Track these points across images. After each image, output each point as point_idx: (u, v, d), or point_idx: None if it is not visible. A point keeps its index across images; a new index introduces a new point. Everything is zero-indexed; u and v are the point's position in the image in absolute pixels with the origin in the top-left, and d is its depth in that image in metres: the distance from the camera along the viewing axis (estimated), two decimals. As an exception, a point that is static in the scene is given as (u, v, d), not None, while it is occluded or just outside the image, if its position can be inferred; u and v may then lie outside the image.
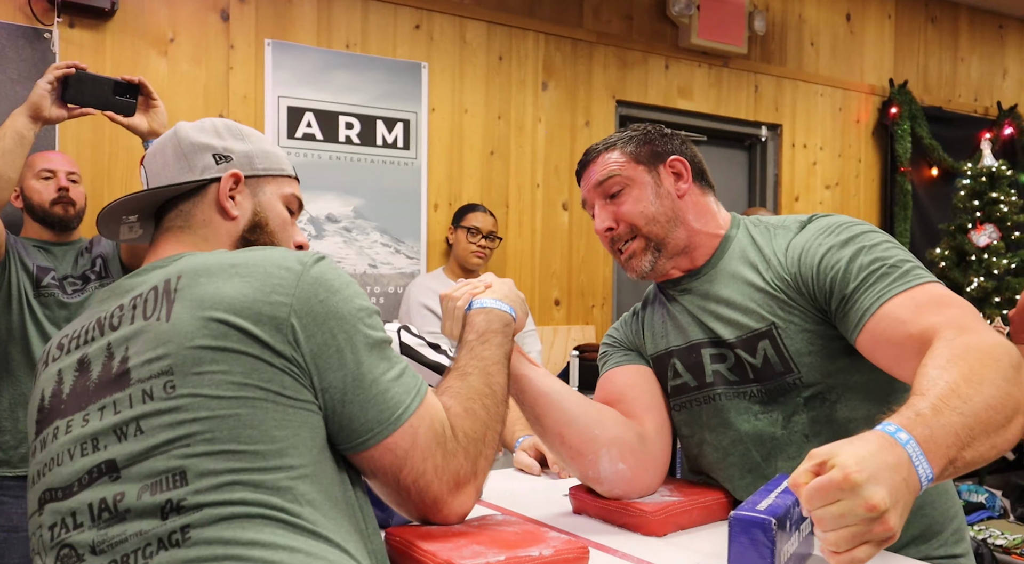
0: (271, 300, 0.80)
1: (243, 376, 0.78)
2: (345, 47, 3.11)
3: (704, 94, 3.97)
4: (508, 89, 3.46)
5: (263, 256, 0.85)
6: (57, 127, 2.59)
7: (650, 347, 1.29)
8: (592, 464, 1.15)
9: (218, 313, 0.79)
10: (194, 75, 2.84)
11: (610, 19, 3.71)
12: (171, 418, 0.77)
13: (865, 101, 4.49)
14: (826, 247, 1.12)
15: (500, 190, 3.45)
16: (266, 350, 0.79)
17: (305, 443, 0.80)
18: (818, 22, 4.34)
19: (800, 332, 1.13)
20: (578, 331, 3.59)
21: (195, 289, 0.81)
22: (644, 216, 1.21)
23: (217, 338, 0.78)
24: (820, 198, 4.36)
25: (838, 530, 0.69)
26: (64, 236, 2.24)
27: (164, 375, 0.78)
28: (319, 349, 0.81)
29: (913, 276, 1.03)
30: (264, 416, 0.78)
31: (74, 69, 1.89)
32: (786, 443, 1.15)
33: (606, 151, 1.26)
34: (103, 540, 0.75)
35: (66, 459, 0.80)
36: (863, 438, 0.74)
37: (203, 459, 0.76)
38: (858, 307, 1.05)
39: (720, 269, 1.22)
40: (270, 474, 0.77)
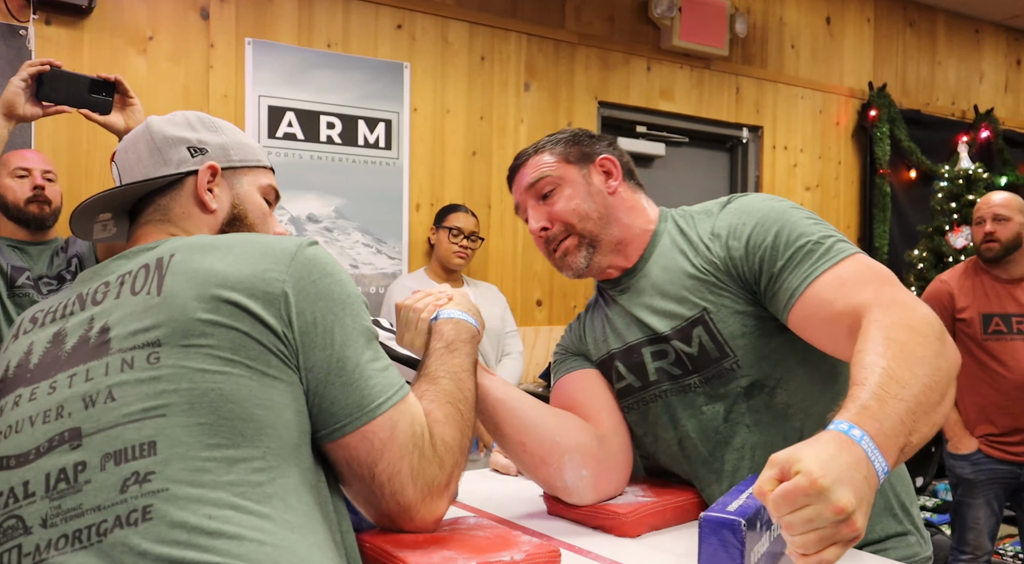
0: (265, 276, 0.80)
1: (230, 352, 0.76)
2: (326, 47, 3.10)
3: (686, 96, 3.99)
4: (490, 90, 3.46)
5: (258, 237, 0.85)
6: (33, 125, 2.56)
7: (593, 352, 1.29)
8: (557, 473, 1.15)
9: (211, 287, 0.78)
10: (173, 74, 2.82)
11: (592, 20, 3.72)
12: (149, 388, 0.74)
13: (845, 104, 4.53)
14: (751, 227, 1.13)
15: (482, 191, 3.45)
16: (257, 324, 0.78)
17: (286, 426, 0.78)
18: (798, 25, 4.37)
19: (732, 314, 1.13)
20: (560, 332, 3.59)
21: (188, 264, 0.80)
22: (577, 214, 1.22)
23: (208, 311, 0.77)
24: (800, 200, 4.39)
25: (807, 533, 0.69)
26: (39, 235, 2.22)
27: (149, 346, 0.76)
28: (308, 327, 0.81)
29: (836, 251, 1.05)
30: (247, 394, 0.76)
31: (49, 66, 1.87)
32: (729, 435, 1.16)
33: (536, 154, 1.27)
34: (56, 513, 0.70)
35: (26, 427, 0.76)
36: (820, 440, 0.74)
37: (177, 430, 0.72)
38: (786, 287, 1.07)
39: (652, 263, 1.23)
40: (245, 451, 0.74)
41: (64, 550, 0.68)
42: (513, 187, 1.30)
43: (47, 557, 0.68)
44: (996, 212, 2.66)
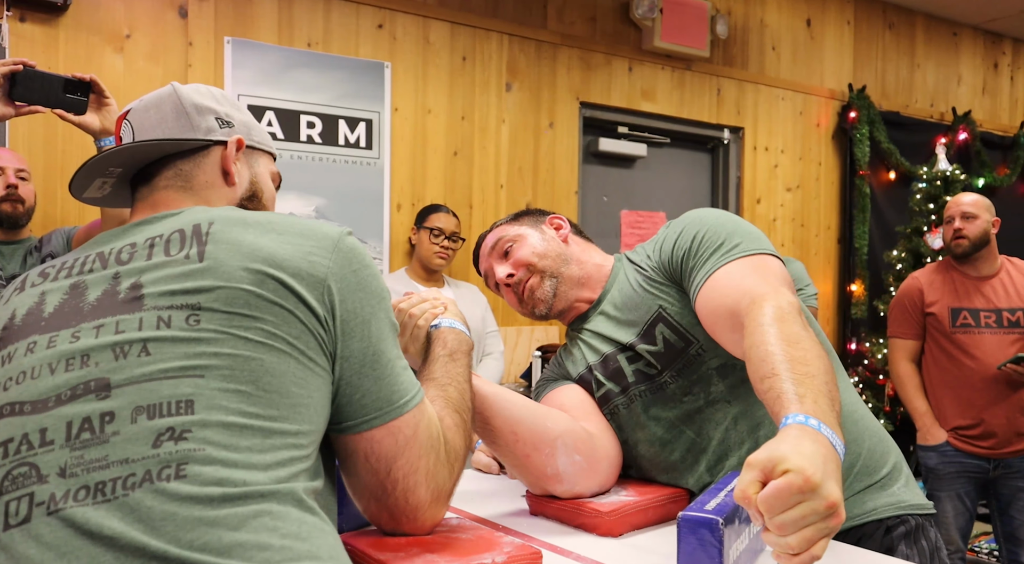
0: (310, 259, 0.79)
1: (273, 327, 0.75)
2: (307, 46, 3.08)
3: (667, 96, 4.00)
4: (472, 90, 3.46)
5: (295, 219, 0.84)
6: (7, 124, 2.52)
7: (572, 372, 1.36)
8: (550, 458, 1.16)
9: (257, 262, 0.77)
10: (151, 73, 2.79)
11: (574, 21, 3.72)
12: (188, 348, 0.71)
13: (825, 105, 4.56)
14: (677, 233, 1.24)
15: (464, 191, 3.44)
16: (300, 305, 0.77)
17: (316, 408, 0.77)
18: (779, 27, 4.40)
19: (685, 305, 1.22)
20: (541, 332, 3.59)
21: (231, 235, 0.78)
22: (536, 254, 1.35)
23: (254, 284, 0.75)
24: (781, 200, 4.42)
25: (799, 532, 0.69)
26: (12, 235, 2.19)
27: (189, 308, 0.73)
28: (348, 316, 0.80)
29: (738, 250, 1.15)
30: (286, 369, 0.74)
31: (22, 66, 1.84)
32: (712, 413, 1.21)
33: (491, 231, 1.44)
34: (77, 463, 0.66)
35: (44, 373, 0.72)
36: (791, 436, 0.75)
37: (216, 393, 0.69)
38: (693, 283, 1.17)
39: (615, 289, 1.34)
40: (281, 425, 0.72)
41: (84, 502, 0.64)
42: (480, 264, 1.45)
43: (64, 507, 0.64)
44: (964, 210, 2.73)
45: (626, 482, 1.28)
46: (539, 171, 3.64)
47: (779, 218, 4.40)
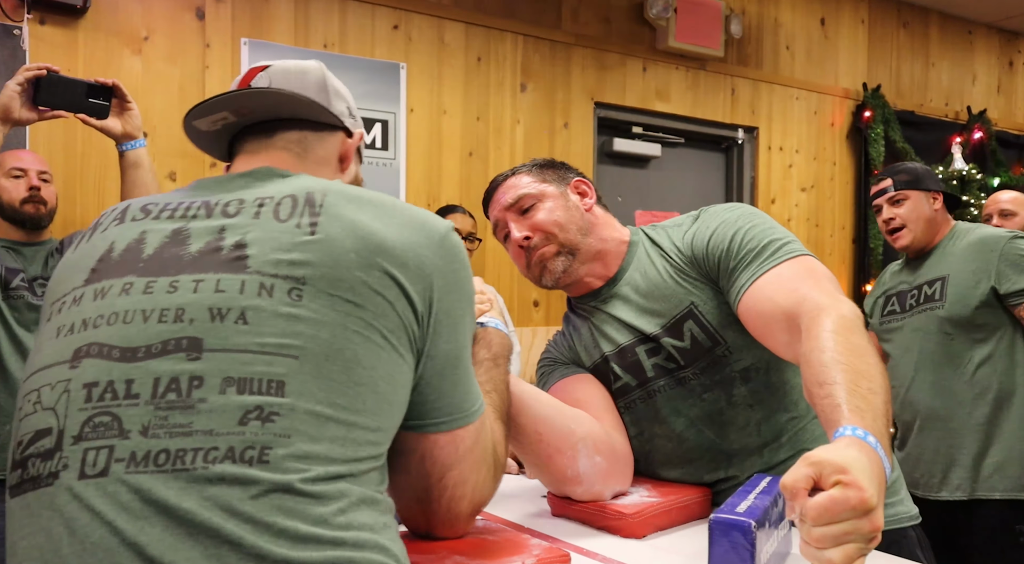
0: (417, 252, 0.77)
1: (372, 317, 0.72)
2: (323, 47, 3.09)
3: (681, 96, 3.99)
4: (486, 90, 3.46)
5: (406, 206, 0.82)
6: (28, 126, 2.54)
7: (585, 359, 1.33)
8: (571, 460, 1.15)
9: (368, 246, 0.74)
10: (169, 74, 2.80)
11: (588, 21, 3.72)
12: (287, 325, 0.68)
13: (840, 105, 4.54)
14: (711, 230, 1.21)
15: (479, 191, 3.44)
16: (402, 298, 0.75)
17: (398, 406, 0.76)
18: (793, 26, 4.39)
19: (718, 305, 1.20)
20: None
21: (344, 211, 0.76)
22: (558, 224, 1.28)
23: (362, 270, 0.73)
24: (796, 200, 4.40)
25: (840, 547, 0.68)
26: (34, 236, 2.21)
27: (293, 280, 0.71)
28: (443, 315, 0.79)
29: (784, 252, 1.12)
30: (377, 363, 0.72)
31: (46, 71, 1.86)
32: (733, 416, 1.21)
33: (512, 176, 1.34)
34: (160, 424, 0.64)
35: (137, 319, 0.69)
36: (852, 447, 0.73)
37: (308, 378, 0.67)
38: (737, 285, 1.14)
39: (633, 270, 1.29)
40: (363, 419, 0.71)
41: (164, 467, 0.63)
42: (490, 208, 1.36)
43: (144, 470, 0.63)
44: (1003, 208, 2.72)
45: (645, 481, 1.27)
46: (553, 171, 3.64)
47: (794, 218, 4.39)
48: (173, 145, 2.80)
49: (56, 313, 0.74)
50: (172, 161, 2.80)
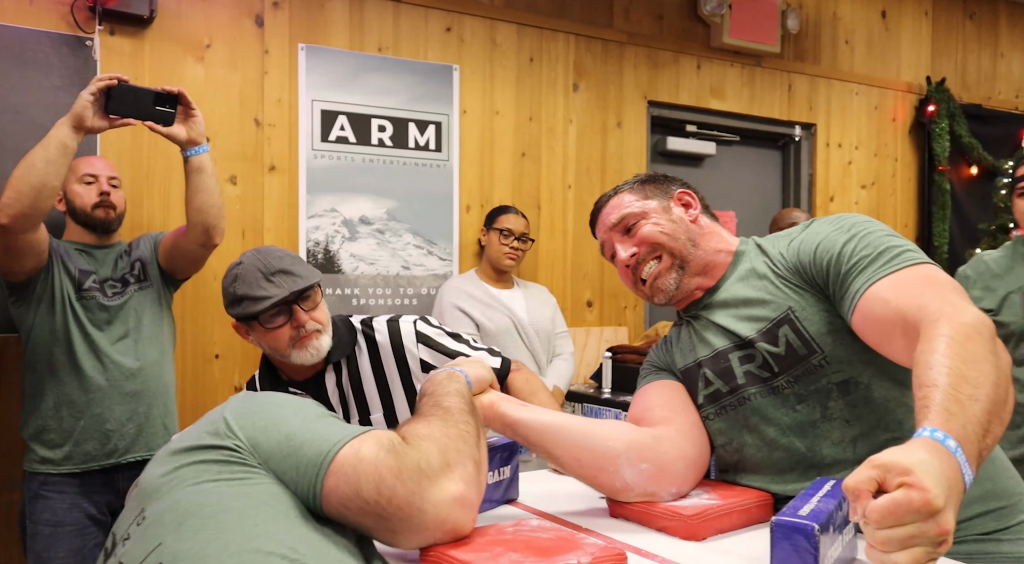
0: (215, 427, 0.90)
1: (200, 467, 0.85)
2: (377, 50, 3.14)
3: (737, 94, 3.93)
4: (539, 90, 3.47)
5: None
6: (98, 134, 2.64)
7: (679, 362, 1.33)
8: (616, 475, 1.16)
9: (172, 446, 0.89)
10: (230, 80, 2.88)
11: (641, 19, 3.69)
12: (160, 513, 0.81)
13: (902, 99, 4.42)
14: (822, 236, 1.18)
15: (531, 191, 3.45)
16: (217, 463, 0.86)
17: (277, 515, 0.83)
18: (853, 20, 4.28)
19: (817, 312, 1.16)
20: (611, 332, 3.58)
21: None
22: (664, 234, 1.28)
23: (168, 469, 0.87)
24: (855, 198, 4.30)
25: (906, 551, 0.66)
26: (104, 239, 2.29)
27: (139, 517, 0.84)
28: (255, 434, 0.89)
29: (903, 259, 1.08)
30: (217, 502, 0.82)
31: (116, 81, 1.93)
32: (828, 430, 1.16)
33: (615, 196, 1.35)
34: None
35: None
36: (922, 448, 0.71)
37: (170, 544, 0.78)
38: (850, 290, 1.10)
39: (734, 278, 1.27)
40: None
41: None
42: (597, 229, 1.38)
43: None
44: None
45: (708, 484, 1.26)
46: (607, 171, 3.63)
47: (853, 216, 4.28)
48: (233, 149, 2.87)
49: None
50: (232, 165, 2.88)
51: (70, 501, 2.07)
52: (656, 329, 3.21)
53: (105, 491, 2.15)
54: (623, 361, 3.12)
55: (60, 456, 2.09)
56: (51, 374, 2.11)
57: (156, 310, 2.28)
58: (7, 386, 2.48)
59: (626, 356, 3.13)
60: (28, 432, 2.12)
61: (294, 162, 2.98)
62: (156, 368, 2.22)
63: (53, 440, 2.10)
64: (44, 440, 2.10)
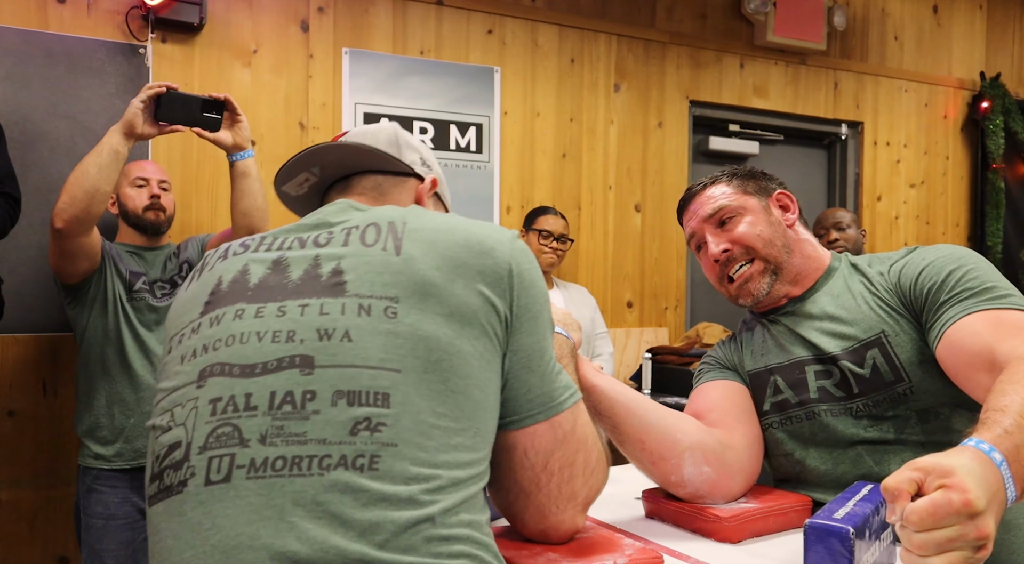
0: (493, 255, 0.82)
1: (460, 326, 0.77)
2: (419, 54, 3.17)
3: (780, 92, 3.88)
4: (580, 91, 3.46)
5: (472, 221, 0.88)
6: (149, 140, 2.72)
7: (749, 364, 1.29)
8: (675, 468, 1.14)
9: (447, 262, 0.80)
10: (275, 84, 2.94)
11: (683, 19, 3.67)
12: (387, 340, 0.74)
13: (953, 96, 4.31)
14: (928, 262, 1.14)
15: (572, 192, 3.45)
16: (485, 303, 0.80)
17: (492, 411, 0.79)
18: (902, 15, 4.19)
19: (910, 340, 1.12)
20: (651, 333, 3.56)
21: (423, 233, 0.82)
22: (762, 239, 1.23)
23: (445, 283, 0.79)
24: (904, 197, 4.20)
25: (943, 555, 0.65)
26: (155, 241, 2.36)
27: (387, 299, 0.77)
28: (522, 310, 0.83)
29: (1007, 301, 1.03)
30: (469, 371, 0.77)
31: (165, 88, 1.99)
32: (900, 449, 1.13)
33: (711, 185, 1.29)
34: (277, 433, 0.70)
35: (252, 340, 0.76)
36: (965, 454, 0.70)
37: (410, 389, 0.72)
38: (944, 318, 1.06)
39: (823, 292, 1.23)
40: (462, 423, 0.75)
41: (281, 473, 0.68)
42: (686, 218, 1.32)
43: (264, 475, 0.69)
44: None
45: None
46: (648, 171, 3.61)
47: (902, 215, 4.19)
48: (279, 152, 2.93)
49: (177, 344, 0.82)
50: (278, 168, 2.93)
51: (121, 495, 2.14)
52: (697, 330, 3.18)
53: (154, 486, 2.21)
54: (663, 362, 3.10)
55: (112, 452, 2.16)
56: (103, 373, 2.18)
57: (203, 310, 2.33)
58: (64, 385, 2.57)
59: (666, 357, 3.11)
60: (82, 429, 2.20)
61: (337, 165, 3.02)
62: (203, 367, 2.28)
63: (105, 437, 2.17)
64: (97, 437, 2.17)
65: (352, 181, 1.02)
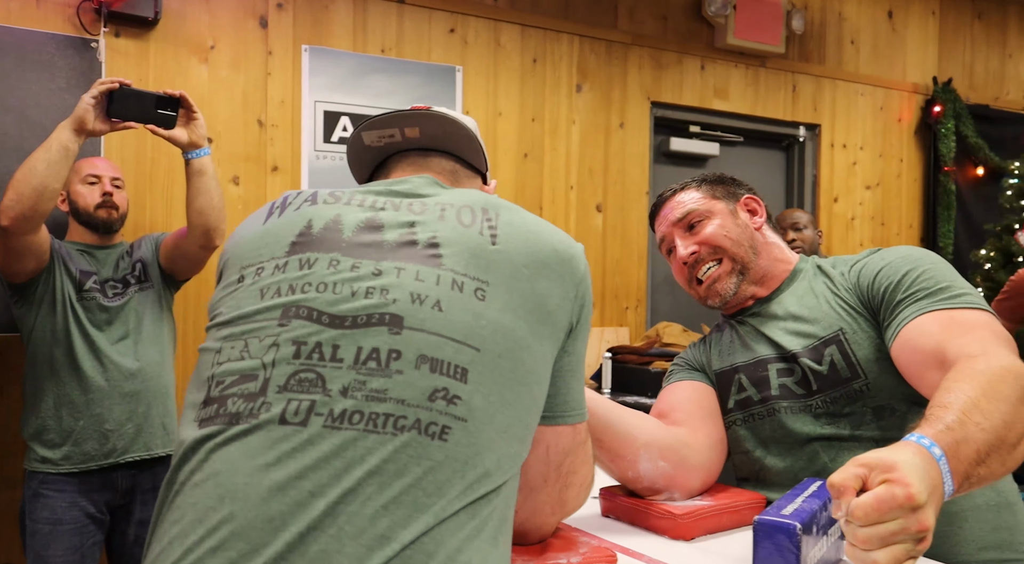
0: (573, 265, 0.85)
1: (537, 322, 0.80)
2: (380, 52, 3.15)
3: (741, 94, 3.93)
4: (542, 91, 3.47)
5: (553, 226, 0.90)
6: (102, 136, 2.66)
7: (716, 364, 1.32)
8: (632, 464, 1.16)
9: (536, 260, 0.82)
10: (233, 81, 2.89)
11: (645, 20, 3.69)
12: (472, 320, 0.75)
13: (908, 100, 4.40)
14: (886, 262, 1.17)
15: (534, 192, 3.46)
16: (564, 305, 0.83)
17: (539, 408, 0.81)
18: (859, 20, 4.27)
19: (868, 339, 1.15)
20: (612, 333, 3.58)
21: (516, 227, 0.84)
22: (728, 239, 1.28)
23: (533, 279, 0.81)
24: (860, 198, 4.28)
25: (887, 548, 0.66)
26: (107, 239, 2.31)
27: (478, 281, 0.78)
28: (584, 318, 0.87)
29: (961, 300, 1.06)
30: (535, 368, 0.79)
31: (118, 84, 1.95)
32: (855, 446, 1.15)
33: (681, 191, 1.35)
34: (359, 387, 0.71)
35: (345, 292, 0.76)
36: (907, 449, 0.72)
37: (485, 371, 0.74)
38: (899, 318, 1.08)
39: (788, 293, 1.27)
40: (520, 415, 0.77)
41: (357, 426, 0.69)
42: (657, 222, 1.37)
43: (340, 426, 0.69)
44: None
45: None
46: (610, 172, 3.63)
47: (858, 216, 4.27)
48: (237, 150, 2.88)
49: (255, 275, 0.81)
50: (236, 165, 2.89)
51: (69, 500, 2.09)
52: (657, 330, 3.20)
53: (104, 490, 2.16)
54: (623, 362, 3.11)
55: (59, 456, 2.11)
56: (51, 374, 2.12)
57: (156, 311, 2.29)
58: (9, 386, 2.50)
59: (626, 357, 3.13)
60: (28, 432, 2.14)
61: (296, 163, 2.99)
62: (156, 369, 2.23)
63: (52, 440, 2.11)
64: (44, 440, 2.11)
65: (431, 158, 0.99)
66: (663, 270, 3.74)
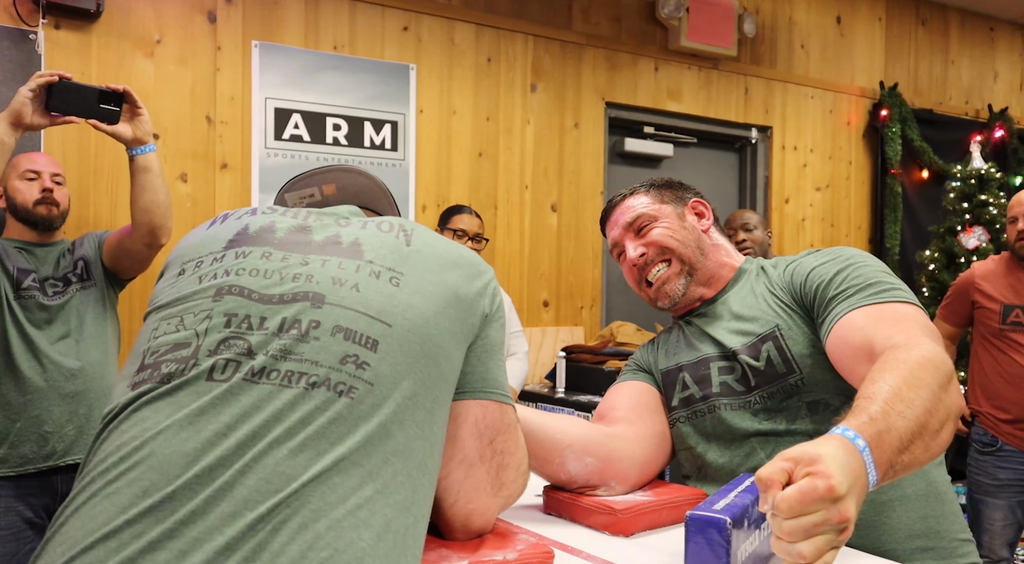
0: (481, 268, 0.95)
1: (447, 305, 0.87)
2: (333, 49, 3.12)
3: (694, 96, 3.97)
4: (497, 91, 3.47)
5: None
6: (41, 131, 2.59)
7: (662, 363, 1.35)
8: (560, 466, 1.18)
9: (445, 258, 0.91)
10: (180, 77, 2.84)
11: (599, 21, 3.72)
12: (386, 300, 0.84)
13: (856, 103, 4.50)
14: (819, 262, 1.21)
15: (488, 191, 3.45)
16: (472, 297, 0.91)
17: (451, 384, 0.88)
18: (808, 24, 4.35)
19: (802, 335, 1.18)
20: (567, 332, 3.59)
21: (428, 238, 0.94)
22: (675, 240, 1.31)
23: (444, 273, 0.89)
24: (810, 200, 4.36)
25: (810, 540, 0.68)
26: (47, 237, 2.24)
27: (393, 271, 0.87)
28: (495, 313, 0.94)
29: (889, 295, 1.09)
30: (443, 343, 0.86)
31: (58, 78, 1.89)
32: (791, 440, 1.17)
33: (630, 196, 1.38)
34: (280, 350, 0.78)
35: (275, 277, 0.85)
36: (831, 442, 0.74)
37: (395, 344, 0.81)
38: (831, 314, 1.11)
39: (732, 293, 1.31)
40: (429, 388, 0.82)
41: (273, 381, 0.76)
42: (608, 227, 1.40)
43: (258, 381, 0.76)
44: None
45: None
46: (564, 171, 3.64)
47: (808, 218, 4.35)
48: (184, 147, 2.83)
49: (195, 267, 0.90)
50: (183, 162, 2.84)
51: (5, 504, 2.03)
52: (611, 329, 3.22)
53: (42, 494, 2.10)
54: (577, 361, 3.13)
55: (-8, 459, 2.05)
56: (-12, 375, 2.06)
57: (99, 310, 2.24)
58: (-55, 387, 2.42)
59: (580, 356, 3.14)
60: (-37, 434, 2.07)
61: (247, 160, 2.95)
62: (99, 369, 2.18)
63: (-12, 442, 2.05)
64: (-21, 442, 2.05)
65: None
66: (617, 270, 3.76)
